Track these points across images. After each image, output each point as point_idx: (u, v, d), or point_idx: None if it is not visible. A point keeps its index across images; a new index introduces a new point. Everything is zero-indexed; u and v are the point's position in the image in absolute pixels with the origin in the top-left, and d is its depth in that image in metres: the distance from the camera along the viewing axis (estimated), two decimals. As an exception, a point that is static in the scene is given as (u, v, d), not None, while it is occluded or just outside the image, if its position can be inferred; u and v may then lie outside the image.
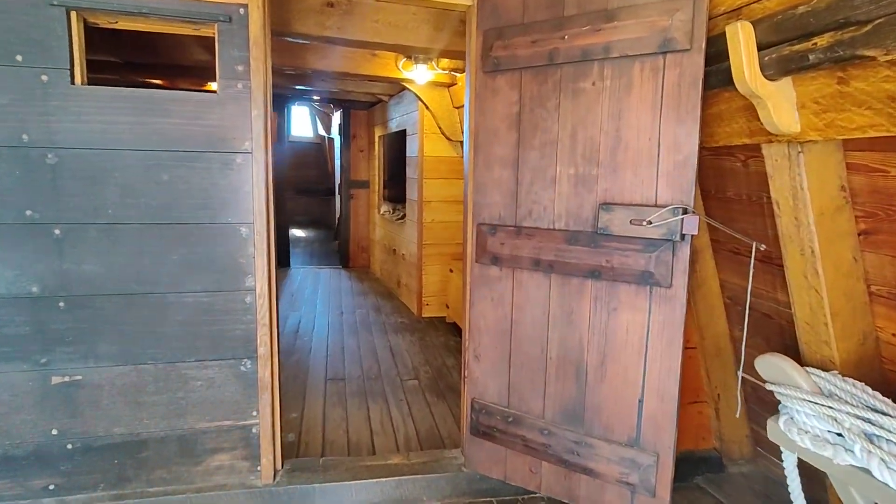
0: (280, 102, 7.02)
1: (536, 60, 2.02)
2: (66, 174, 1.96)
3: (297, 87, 5.54)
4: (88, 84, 1.98)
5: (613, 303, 1.97)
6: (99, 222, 2.01)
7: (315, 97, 7.08)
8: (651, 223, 1.81)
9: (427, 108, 4.78)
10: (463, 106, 4.55)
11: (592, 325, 2.02)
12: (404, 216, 6.14)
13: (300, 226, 11.64)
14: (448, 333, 4.66)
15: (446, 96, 4.75)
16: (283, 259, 7.20)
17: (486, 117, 2.19)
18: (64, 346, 2.04)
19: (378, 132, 6.79)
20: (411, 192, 5.34)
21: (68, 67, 1.92)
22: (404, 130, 5.56)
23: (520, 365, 2.20)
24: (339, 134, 7.47)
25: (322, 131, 11.41)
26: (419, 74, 4.24)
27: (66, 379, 2.05)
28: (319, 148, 12.52)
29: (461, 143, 4.96)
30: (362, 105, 7.14)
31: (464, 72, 4.18)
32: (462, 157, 5.01)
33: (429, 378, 3.66)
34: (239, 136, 2.08)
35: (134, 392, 2.11)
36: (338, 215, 8.11)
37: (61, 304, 2.02)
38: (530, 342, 2.16)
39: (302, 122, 12.53)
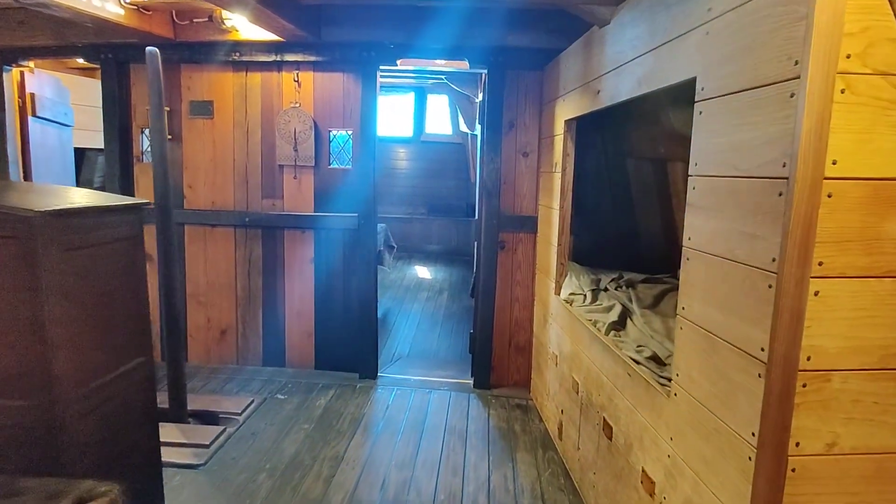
0: (367, 67, 3.61)
1: None
2: None
3: None
4: None
5: None
6: None
7: (437, 53, 3.58)
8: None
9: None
10: None
11: None
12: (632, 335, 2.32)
13: (429, 260, 8.37)
14: None
15: None
16: (365, 364, 3.80)
17: None
18: None
19: (564, 112, 3.04)
20: (724, 310, 1.49)
21: None
22: (678, 92, 1.74)
23: None
24: (482, 122, 3.89)
25: (464, 127, 8.02)
26: None
27: None
28: (460, 150, 9.15)
29: None
30: (529, 60, 3.49)
31: None
32: None
33: None
34: None
35: None
36: (473, 280, 4.57)
37: None
38: None
39: (440, 117, 9.28)
